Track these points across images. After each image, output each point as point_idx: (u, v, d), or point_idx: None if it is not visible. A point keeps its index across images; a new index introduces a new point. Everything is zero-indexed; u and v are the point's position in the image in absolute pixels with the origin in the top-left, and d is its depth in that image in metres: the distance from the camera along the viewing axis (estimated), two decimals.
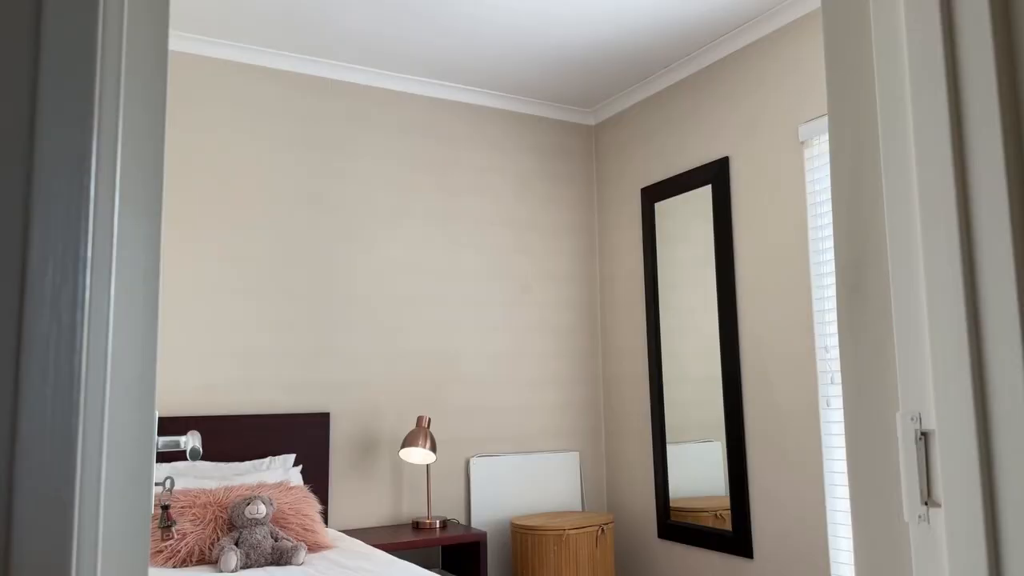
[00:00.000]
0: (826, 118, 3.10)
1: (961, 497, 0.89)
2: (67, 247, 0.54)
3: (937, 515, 0.92)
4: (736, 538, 3.39)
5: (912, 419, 0.94)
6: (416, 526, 3.52)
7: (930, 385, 0.92)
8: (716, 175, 3.61)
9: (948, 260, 0.89)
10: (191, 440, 1.19)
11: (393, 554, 3.56)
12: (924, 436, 0.94)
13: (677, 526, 3.73)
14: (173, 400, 3.26)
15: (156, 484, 1.20)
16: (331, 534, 3.09)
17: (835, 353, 3.06)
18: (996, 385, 0.86)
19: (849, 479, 1.00)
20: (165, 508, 1.35)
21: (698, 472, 3.67)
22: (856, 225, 1.08)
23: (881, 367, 1.01)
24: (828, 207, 3.11)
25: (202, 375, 3.33)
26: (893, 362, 1.01)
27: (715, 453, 3.57)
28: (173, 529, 1.38)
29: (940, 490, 0.93)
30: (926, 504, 0.93)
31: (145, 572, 0.53)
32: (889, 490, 0.99)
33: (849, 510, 1.00)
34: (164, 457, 3.12)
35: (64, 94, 0.55)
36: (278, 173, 3.60)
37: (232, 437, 3.30)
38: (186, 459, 3.17)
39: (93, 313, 0.57)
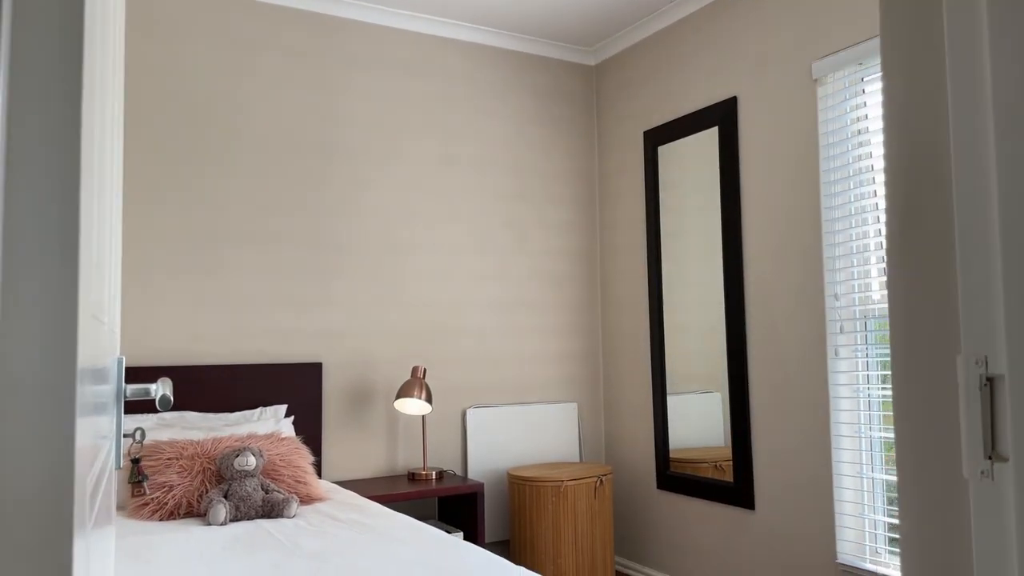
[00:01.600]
0: (841, 54, 2.94)
1: None
2: None
3: (1003, 471, 0.82)
4: (737, 489, 3.33)
5: (977, 363, 0.83)
6: (412, 477, 3.45)
7: (1000, 324, 0.80)
8: (723, 116, 3.45)
9: None
10: (161, 388, 1.08)
11: (388, 506, 3.50)
12: (990, 382, 0.83)
13: (677, 477, 3.68)
14: (158, 349, 3.15)
15: (125, 436, 1.09)
16: (324, 486, 3.02)
17: (845, 301, 2.95)
18: None
19: (896, 431, 0.89)
20: (136, 462, 1.24)
21: (698, 423, 3.60)
22: (913, 148, 0.95)
23: (938, 305, 0.90)
24: (842, 148, 2.97)
25: (189, 323, 3.22)
26: (952, 299, 0.89)
27: (715, 404, 3.49)
28: (145, 484, 1.28)
29: (1008, 443, 0.82)
30: (990, 459, 0.83)
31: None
32: (945, 443, 0.88)
33: (896, 466, 0.89)
34: (146, 407, 3.02)
35: None
36: (268, 114, 3.44)
37: (221, 387, 3.20)
38: (181, 409, 3.07)
39: None
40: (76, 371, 0.44)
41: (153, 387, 1.10)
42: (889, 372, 2.81)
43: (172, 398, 1.06)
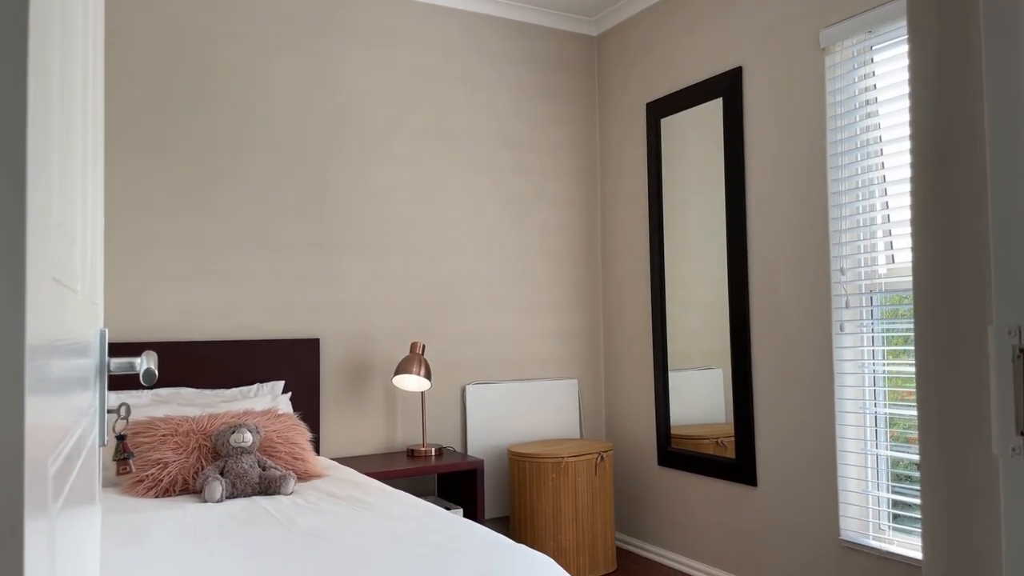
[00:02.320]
0: (849, 21, 2.86)
1: None
2: None
3: None
4: (739, 465, 3.30)
5: (1010, 333, 0.78)
6: (411, 454, 3.42)
7: None
8: (728, 87, 3.38)
9: None
10: (146, 361, 1.03)
11: (387, 483, 3.47)
12: (1023, 354, 0.78)
13: (678, 454, 3.65)
14: (153, 324, 3.10)
15: (110, 411, 1.05)
16: (323, 463, 2.98)
17: (851, 275, 2.90)
18: None
19: (919, 405, 0.84)
20: (121, 438, 1.20)
21: (699, 399, 3.57)
22: (942, 110, 0.89)
23: (966, 273, 0.84)
24: (850, 119, 2.90)
25: (183, 298, 3.17)
26: (982, 268, 0.84)
27: (717, 380, 3.45)
28: (131, 461, 1.23)
29: None
30: (1022, 434, 0.78)
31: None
32: (972, 419, 0.83)
33: (919, 443, 0.84)
34: (136, 383, 2.98)
35: None
36: (263, 86, 3.36)
37: (217, 363, 3.16)
38: (176, 385, 3.03)
39: None
40: (24, 340, 0.39)
41: (137, 361, 1.05)
42: (896, 348, 2.77)
43: (157, 372, 1.01)
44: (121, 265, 3.06)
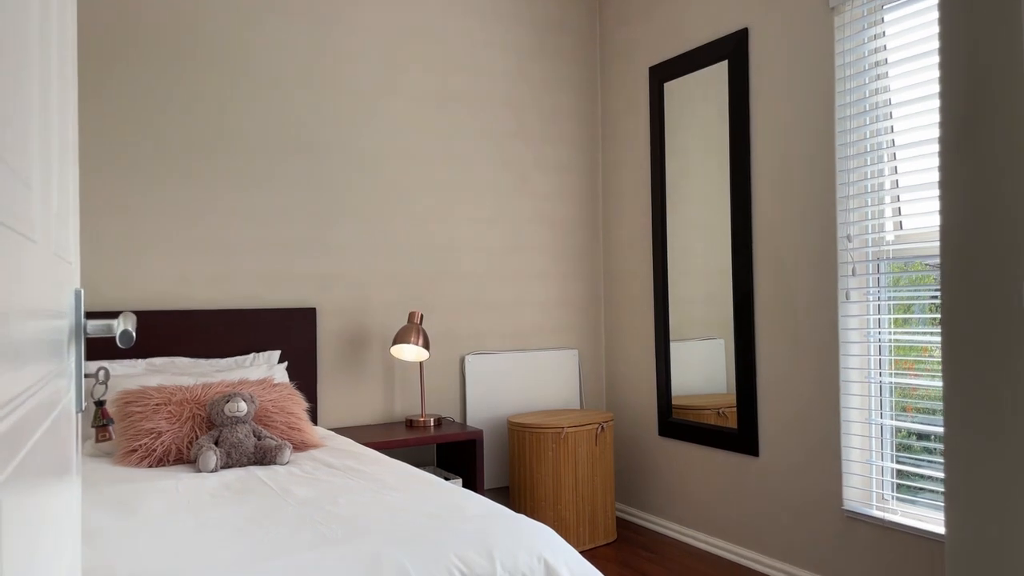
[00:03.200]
0: None
1: None
2: None
3: None
4: (741, 436, 3.27)
5: None
6: (410, 424, 3.39)
7: None
8: (734, 49, 3.29)
9: None
10: (123, 323, 0.97)
11: (386, 453, 3.44)
12: None
13: (679, 424, 3.61)
14: (147, 292, 3.05)
15: (87, 376, 0.99)
16: (320, 432, 2.94)
17: (858, 242, 2.83)
18: None
19: (945, 375, 0.79)
20: (100, 404, 1.15)
21: (701, 370, 3.52)
22: (974, 61, 0.82)
23: (997, 233, 0.78)
24: (859, 81, 2.81)
25: (178, 267, 3.11)
26: (1014, 226, 0.78)
27: (719, 350, 3.41)
28: (110, 428, 1.19)
29: None
30: None
31: None
32: (1004, 389, 0.78)
33: (944, 414, 0.78)
34: (135, 351, 2.93)
35: None
36: (257, 48, 3.27)
37: (212, 333, 3.11)
38: (171, 355, 2.98)
39: None
40: None
41: (115, 323, 0.99)
42: (902, 316, 2.71)
43: (135, 335, 0.96)
44: (114, 233, 3.00)
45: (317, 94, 3.40)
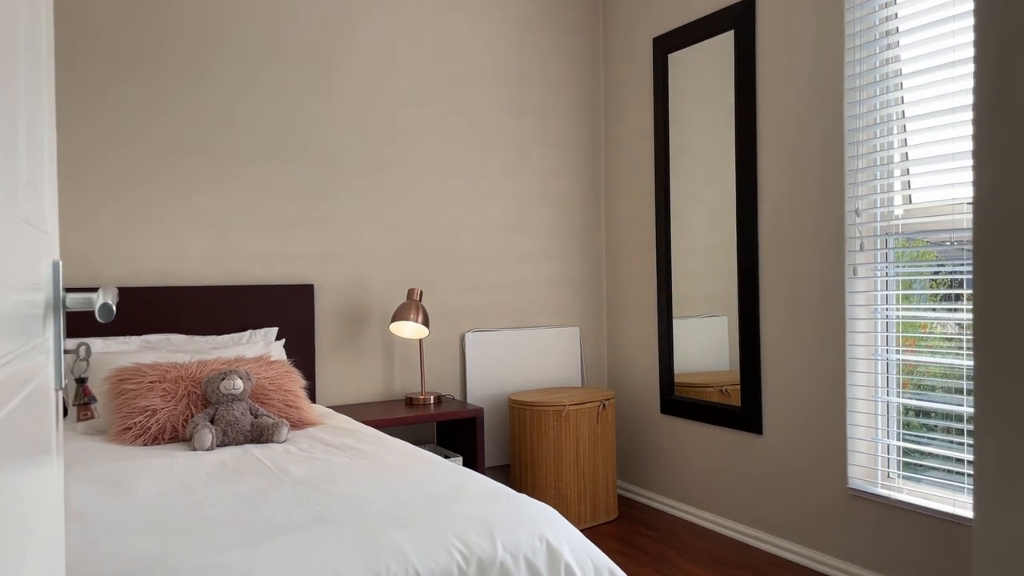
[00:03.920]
0: None
1: None
2: None
3: None
4: (744, 413, 3.23)
5: None
6: (409, 402, 3.35)
7: None
8: (740, 19, 3.20)
9: None
10: (102, 296, 0.92)
11: (385, 431, 3.41)
12: None
13: (681, 402, 3.58)
14: (140, 269, 3.00)
15: (67, 352, 0.94)
16: (318, 410, 2.91)
17: (866, 217, 2.77)
18: None
19: (976, 357, 0.74)
20: (81, 381, 1.10)
21: (703, 347, 3.48)
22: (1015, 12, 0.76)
23: None
24: (869, 51, 2.74)
25: (172, 242, 3.05)
26: None
27: (722, 327, 3.36)
28: (93, 407, 1.14)
29: None
30: None
31: None
32: None
33: (973, 404, 0.74)
34: (132, 327, 2.89)
35: None
36: (252, 21, 3.18)
37: (208, 309, 3.06)
38: (166, 331, 2.93)
39: None
40: None
41: (94, 296, 0.94)
42: (910, 292, 2.66)
43: (115, 308, 0.91)
44: (107, 209, 2.94)
45: (315, 70, 3.32)
